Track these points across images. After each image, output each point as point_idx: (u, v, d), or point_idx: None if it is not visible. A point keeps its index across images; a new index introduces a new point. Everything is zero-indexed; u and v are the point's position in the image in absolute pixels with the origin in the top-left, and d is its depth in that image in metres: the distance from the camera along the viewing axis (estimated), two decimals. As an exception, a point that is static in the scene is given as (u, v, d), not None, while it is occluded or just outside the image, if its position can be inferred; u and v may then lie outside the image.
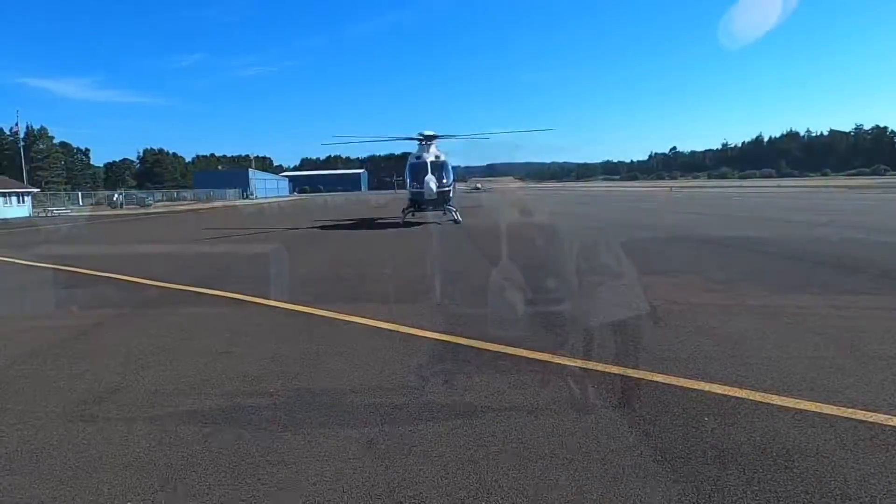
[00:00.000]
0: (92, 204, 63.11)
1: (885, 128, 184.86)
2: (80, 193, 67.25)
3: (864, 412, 3.37)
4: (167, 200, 76.02)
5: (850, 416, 3.34)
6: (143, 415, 3.71)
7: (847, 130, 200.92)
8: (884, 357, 4.36)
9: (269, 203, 70.44)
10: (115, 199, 61.71)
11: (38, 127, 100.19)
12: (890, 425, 3.19)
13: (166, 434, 3.39)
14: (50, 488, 2.82)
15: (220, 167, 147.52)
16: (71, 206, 58.52)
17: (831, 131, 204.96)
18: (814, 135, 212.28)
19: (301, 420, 3.55)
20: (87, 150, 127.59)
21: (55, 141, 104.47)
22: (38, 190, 56.23)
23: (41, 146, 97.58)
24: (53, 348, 5.40)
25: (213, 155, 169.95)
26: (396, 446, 3.15)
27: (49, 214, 46.97)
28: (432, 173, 21.23)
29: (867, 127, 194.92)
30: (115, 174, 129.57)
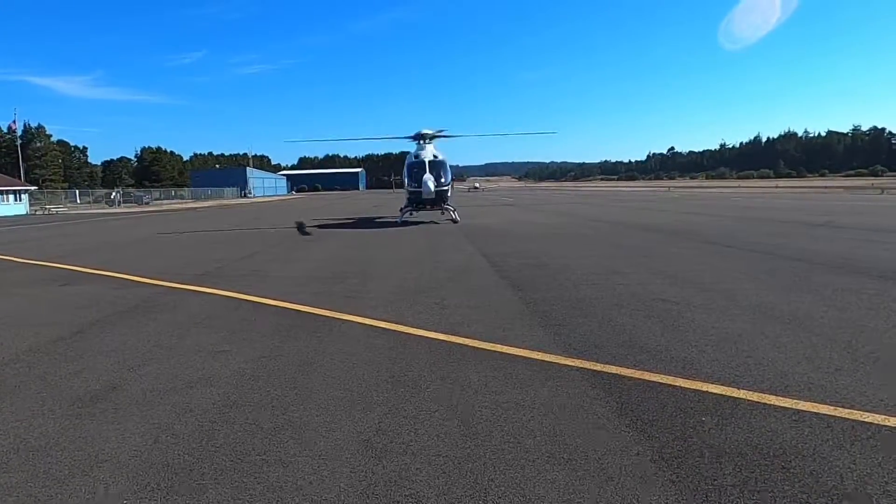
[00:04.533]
0: (89, 202, 63.04)
1: (883, 129, 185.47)
2: (77, 192, 67.22)
3: (861, 412, 3.38)
4: (165, 199, 75.97)
5: (846, 416, 3.35)
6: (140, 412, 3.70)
7: (845, 131, 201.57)
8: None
9: (267, 202, 70.33)
10: (112, 197, 61.66)
11: (36, 125, 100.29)
12: (887, 425, 3.20)
13: (163, 432, 3.39)
14: (46, 487, 2.81)
15: (217, 166, 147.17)
16: (69, 204, 58.43)
17: (829, 132, 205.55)
18: (812, 135, 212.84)
19: (298, 419, 3.54)
20: (85, 148, 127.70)
21: (53, 139, 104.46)
22: (36, 188, 56.14)
23: (38, 144, 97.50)
24: (50, 346, 5.39)
25: (210, 153, 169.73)
26: (393, 445, 3.15)
27: (46, 212, 46.87)
28: (430, 172, 21.13)
29: (865, 128, 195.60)
30: (112, 172, 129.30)
